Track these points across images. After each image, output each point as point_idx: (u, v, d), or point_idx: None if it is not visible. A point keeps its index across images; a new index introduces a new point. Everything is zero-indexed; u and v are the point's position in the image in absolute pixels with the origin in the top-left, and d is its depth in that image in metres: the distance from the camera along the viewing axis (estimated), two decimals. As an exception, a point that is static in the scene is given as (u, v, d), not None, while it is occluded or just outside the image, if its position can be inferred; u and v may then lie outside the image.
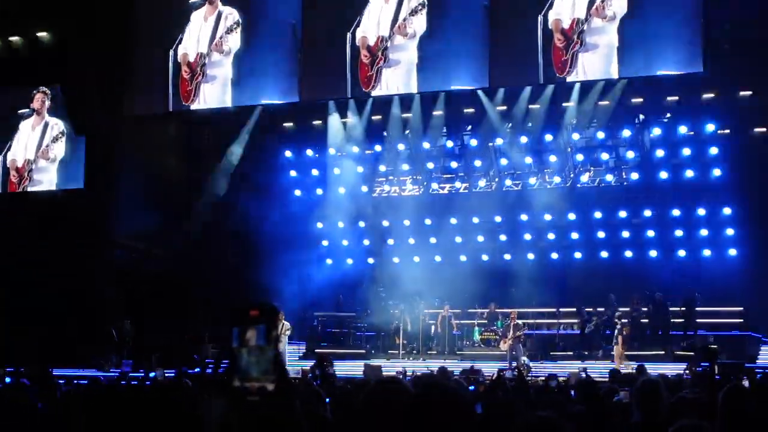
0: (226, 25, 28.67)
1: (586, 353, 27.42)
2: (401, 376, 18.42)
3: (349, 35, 26.63)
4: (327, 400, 8.07)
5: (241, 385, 3.16)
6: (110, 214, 30.34)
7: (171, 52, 28.65)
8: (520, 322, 27.54)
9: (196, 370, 20.45)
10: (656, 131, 29.87)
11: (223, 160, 31.97)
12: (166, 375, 20.52)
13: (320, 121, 32.22)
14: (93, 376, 24.12)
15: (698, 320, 27.67)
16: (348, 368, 24.24)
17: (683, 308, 27.80)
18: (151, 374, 21.89)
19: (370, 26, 26.74)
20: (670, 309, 27.84)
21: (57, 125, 30.98)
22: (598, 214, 31.12)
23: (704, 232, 30.08)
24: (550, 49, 24.55)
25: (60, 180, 30.88)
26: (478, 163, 31.96)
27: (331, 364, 21.74)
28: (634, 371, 20.23)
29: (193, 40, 28.80)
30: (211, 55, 28.48)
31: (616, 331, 26.61)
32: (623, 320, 26.94)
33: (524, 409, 7.27)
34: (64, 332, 28.41)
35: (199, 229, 31.80)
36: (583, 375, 20.03)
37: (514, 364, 25.35)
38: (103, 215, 30.53)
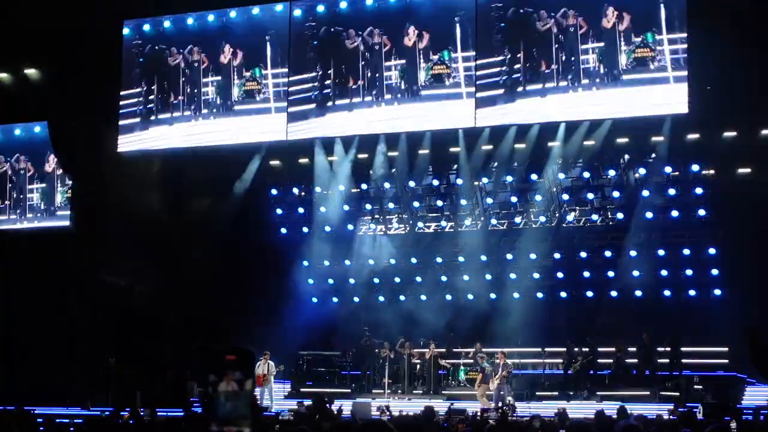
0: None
1: (571, 393, 27.38)
2: (382, 412, 18.45)
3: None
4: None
5: (219, 430, 3.16)
6: (95, 252, 30.10)
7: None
8: (509, 362, 27.50)
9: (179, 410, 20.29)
10: (641, 171, 29.94)
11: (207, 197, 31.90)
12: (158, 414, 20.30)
13: (307, 160, 32.26)
14: (76, 414, 24.03)
15: (683, 361, 27.66)
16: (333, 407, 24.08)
17: (669, 348, 27.79)
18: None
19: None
20: (657, 349, 27.87)
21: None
22: (583, 254, 31.14)
23: (689, 272, 30.11)
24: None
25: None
26: (463, 202, 31.97)
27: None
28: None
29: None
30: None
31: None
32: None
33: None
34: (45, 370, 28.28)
35: (184, 266, 31.76)
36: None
37: (500, 403, 25.30)
38: (88, 253, 30.34)
